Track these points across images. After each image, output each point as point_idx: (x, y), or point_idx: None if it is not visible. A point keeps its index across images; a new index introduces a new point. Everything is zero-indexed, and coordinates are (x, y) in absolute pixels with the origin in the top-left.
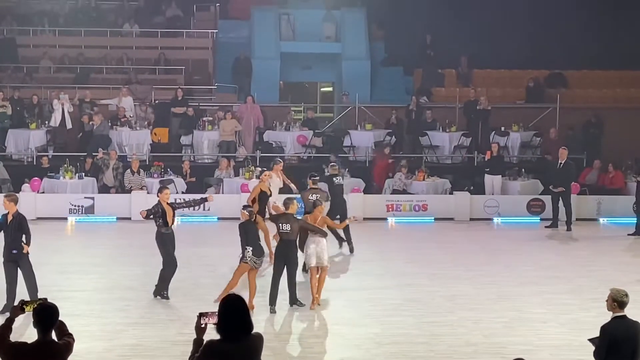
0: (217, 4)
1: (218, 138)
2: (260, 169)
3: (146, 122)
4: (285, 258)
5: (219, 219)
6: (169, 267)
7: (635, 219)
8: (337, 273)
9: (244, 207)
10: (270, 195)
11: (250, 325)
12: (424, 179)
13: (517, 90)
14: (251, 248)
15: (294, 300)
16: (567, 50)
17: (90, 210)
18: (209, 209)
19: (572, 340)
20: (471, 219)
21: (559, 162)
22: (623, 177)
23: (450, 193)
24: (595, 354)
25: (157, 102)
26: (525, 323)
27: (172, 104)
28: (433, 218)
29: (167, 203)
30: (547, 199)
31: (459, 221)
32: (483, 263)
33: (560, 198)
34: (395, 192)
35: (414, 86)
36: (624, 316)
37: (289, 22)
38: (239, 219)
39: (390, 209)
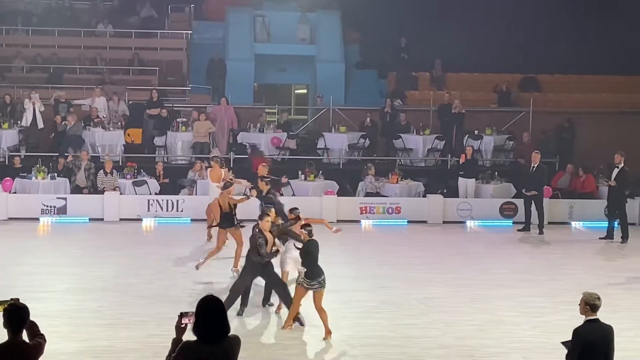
0: (192, 5)
1: (192, 139)
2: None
3: (119, 122)
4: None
5: (192, 220)
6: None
7: (607, 222)
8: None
9: (303, 227)
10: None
11: (227, 327)
12: (397, 182)
13: (490, 94)
14: (305, 270)
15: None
16: (541, 55)
17: (62, 210)
18: (182, 210)
19: (544, 343)
20: (444, 222)
21: (532, 165)
22: (595, 181)
23: (424, 196)
24: (568, 357)
25: (130, 102)
26: (497, 326)
27: (146, 105)
28: (406, 221)
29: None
30: (519, 203)
31: (432, 224)
32: (456, 266)
33: (532, 202)
34: (368, 194)
35: (388, 89)
36: (597, 319)
37: (264, 24)
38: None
39: (364, 212)
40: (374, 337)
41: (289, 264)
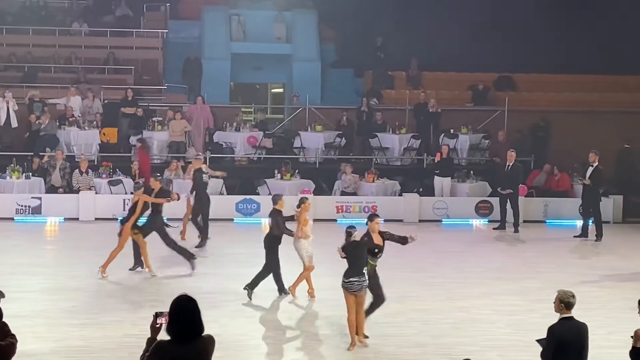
0: (167, 4)
1: (167, 138)
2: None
3: (94, 121)
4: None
5: (167, 219)
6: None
7: (582, 221)
8: (285, 274)
9: (349, 227)
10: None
11: (201, 327)
12: (373, 181)
13: (466, 93)
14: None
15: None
16: (516, 54)
17: (37, 210)
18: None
19: (519, 340)
20: (420, 221)
21: (507, 164)
22: (570, 180)
23: (400, 195)
24: (542, 354)
25: (106, 101)
26: (473, 324)
27: (121, 104)
28: (382, 219)
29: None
30: (495, 201)
31: (408, 222)
32: (432, 264)
33: (508, 200)
34: (344, 193)
35: (364, 88)
36: (571, 317)
37: (240, 23)
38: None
39: (340, 210)
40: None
41: (305, 259)
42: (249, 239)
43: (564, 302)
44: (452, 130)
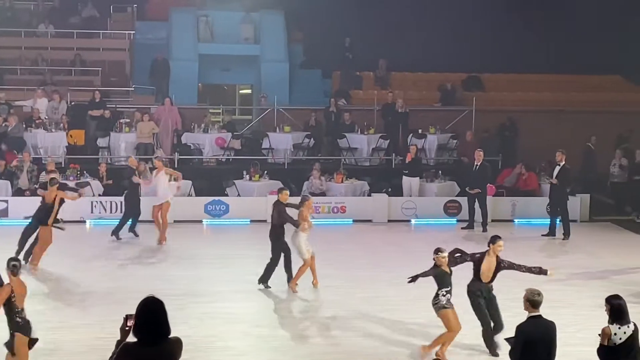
0: (134, 5)
1: (135, 140)
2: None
3: (61, 123)
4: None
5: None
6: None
7: (549, 220)
8: (254, 276)
9: (437, 251)
10: None
11: (167, 329)
12: (342, 181)
13: (434, 93)
14: (445, 289)
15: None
16: (483, 54)
17: (3, 213)
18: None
19: None
20: (389, 221)
21: (475, 164)
22: (537, 179)
23: (369, 195)
24: (511, 353)
25: (73, 103)
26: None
27: (88, 106)
28: (351, 220)
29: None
30: (463, 201)
31: (377, 223)
32: (401, 264)
33: (476, 200)
34: (313, 194)
35: (333, 89)
36: (539, 316)
37: (207, 24)
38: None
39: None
40: (319, 335)
41: (304, 252)
42: (218, 241)
43: (530, 300)
44: (420, 131)
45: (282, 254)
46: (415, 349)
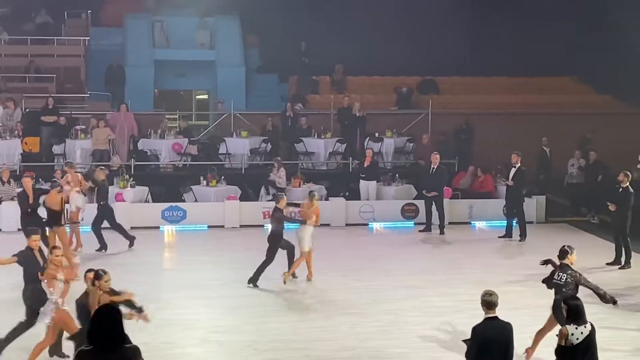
0: (89, 11)
1: (91, 147)
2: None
3: (16, 130)
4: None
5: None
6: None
7: (505, 221)
8: (212, 281)
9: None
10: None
11: (122, 337)
12: (300, 186)
13: (390, 97)
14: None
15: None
16: (439, 57)
17: None
18: (82, 219)
19: (446, 342)
20: (347, 225)
21: (432, 167)
22: (493, 181)
23: (326, 199)
24: (467, 354)
25: (27, 110)
26: (400, 327)
27: (42, 112)
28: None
29: None
30: (420, 204)
31: (335, 227)
32: (359, 268)
33: (433, 202)
34: (276, 187)
35: (289, 93)
36: (496, 317)
37: (163, 30)
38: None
39: (267, 216)
40: (278, 341)
41: (305, 245)
42: (175, 247)
43: (483, 300)
44: (377, 134)
45: (285, 251)
46: None
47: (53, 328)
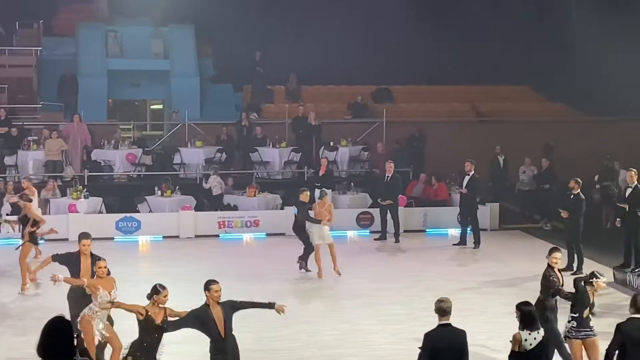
0: (41, 21)
1: (44, 158)
2: None
3: None
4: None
5: (45, 240)
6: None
7: (460, 229)
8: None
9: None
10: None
11: (73, 351)
12: (255, 195)
13: (345, 106)
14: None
15: None
16: (393, 66)
17: None
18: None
19: (402, 349)
20: None
21: (386, 175)
22: (447, 189)
23: (282, 208)
24: None
25: None
26: (356, 335)
27: None
28: (265, 233)
29: None
30: (375, 212)
31: (290, 236)
32: (315, 276)
33: (388, 211)
34: (226, 208)
35: (244, 102)
36: (449, 324)
37: (116, 39)
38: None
39: (222, 226)
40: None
41: (315, 238)
42: (130, 258)
43: (436, 307)
44: (332, 143)
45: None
46: None
47: (111, 338)
